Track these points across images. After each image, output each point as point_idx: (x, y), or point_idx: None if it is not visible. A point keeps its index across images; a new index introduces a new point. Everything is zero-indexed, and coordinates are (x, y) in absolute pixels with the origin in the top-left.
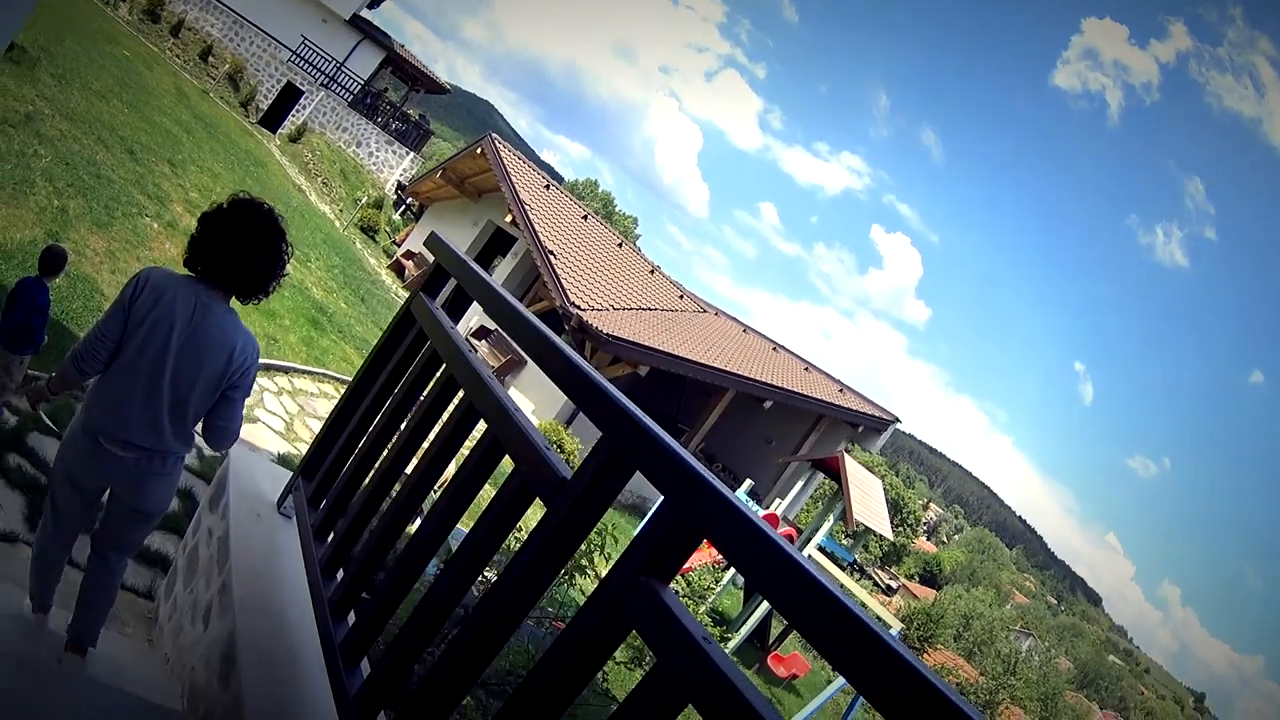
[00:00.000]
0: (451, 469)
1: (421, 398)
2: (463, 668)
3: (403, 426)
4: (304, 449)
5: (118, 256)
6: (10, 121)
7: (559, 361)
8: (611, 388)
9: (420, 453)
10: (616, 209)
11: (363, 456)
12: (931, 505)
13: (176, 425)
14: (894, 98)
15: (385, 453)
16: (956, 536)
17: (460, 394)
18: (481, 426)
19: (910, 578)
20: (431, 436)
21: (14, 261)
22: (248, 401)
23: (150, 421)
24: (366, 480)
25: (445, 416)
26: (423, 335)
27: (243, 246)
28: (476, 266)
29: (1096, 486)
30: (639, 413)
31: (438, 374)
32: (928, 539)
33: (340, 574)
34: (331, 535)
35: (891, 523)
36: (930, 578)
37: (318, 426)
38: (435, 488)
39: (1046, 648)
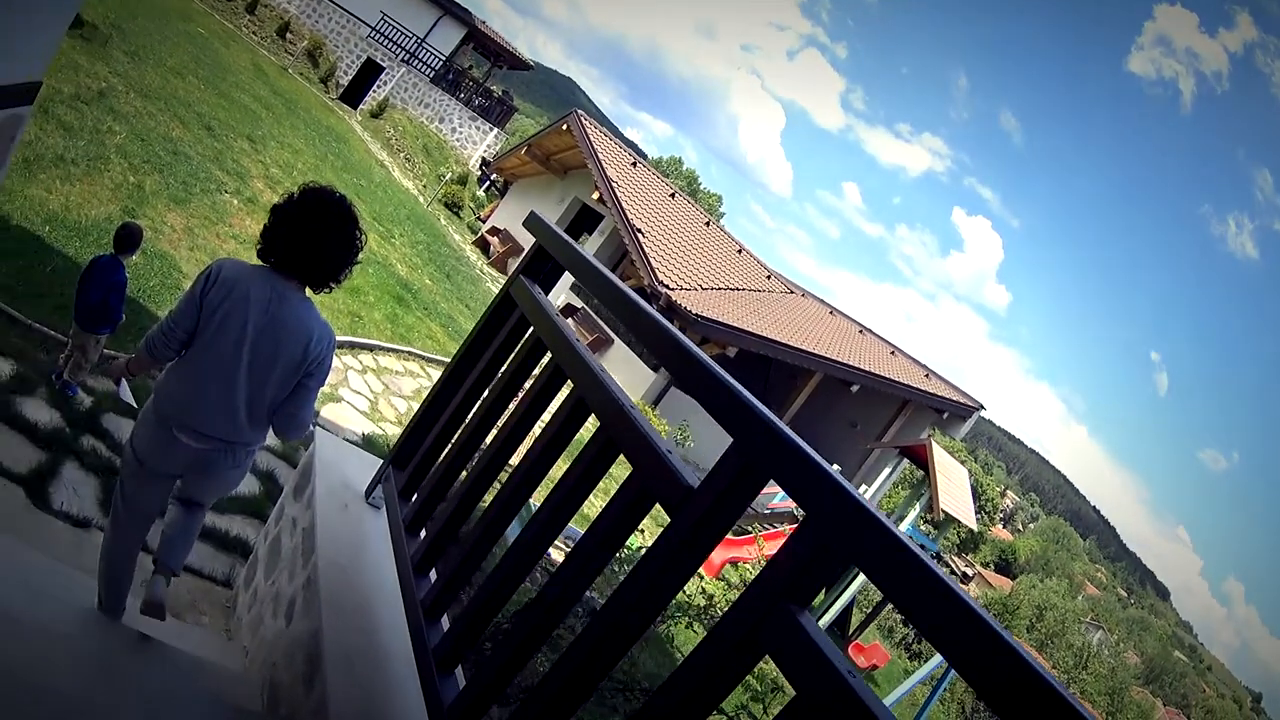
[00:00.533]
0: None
1: (525, 388)
2: (577, 681)
3: (504, 418)
4: (389, 429)
5: (196, 233)
6: (83, 98)
7: (685, 360)
8: (745, 392)
9: (523, 447)
10: (701, 187)
11: (459, 449)
12: (1008, 492)
13: (251, 416)
14: (973, 79)
15: (484, 446)
16: (1032, 525)
17: (568, 386)
18: (591, 422)
19: (986, 566)
20: (536, 429)
21: (89, 239)
22: (331, 380)
23: (225, 413)
24: (463, 474)
25: (552, 407)
26: (524, 321)
27: (315, 236)
28: (585, 252)
29: (1169, 478)
30: (776, 420)
31: (542, 363)
32: (1004, 527)
33: (434, 574)
34: (424, 532)
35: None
36: (1005, 566)
37: (403, 406)
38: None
39: (1115, 641)
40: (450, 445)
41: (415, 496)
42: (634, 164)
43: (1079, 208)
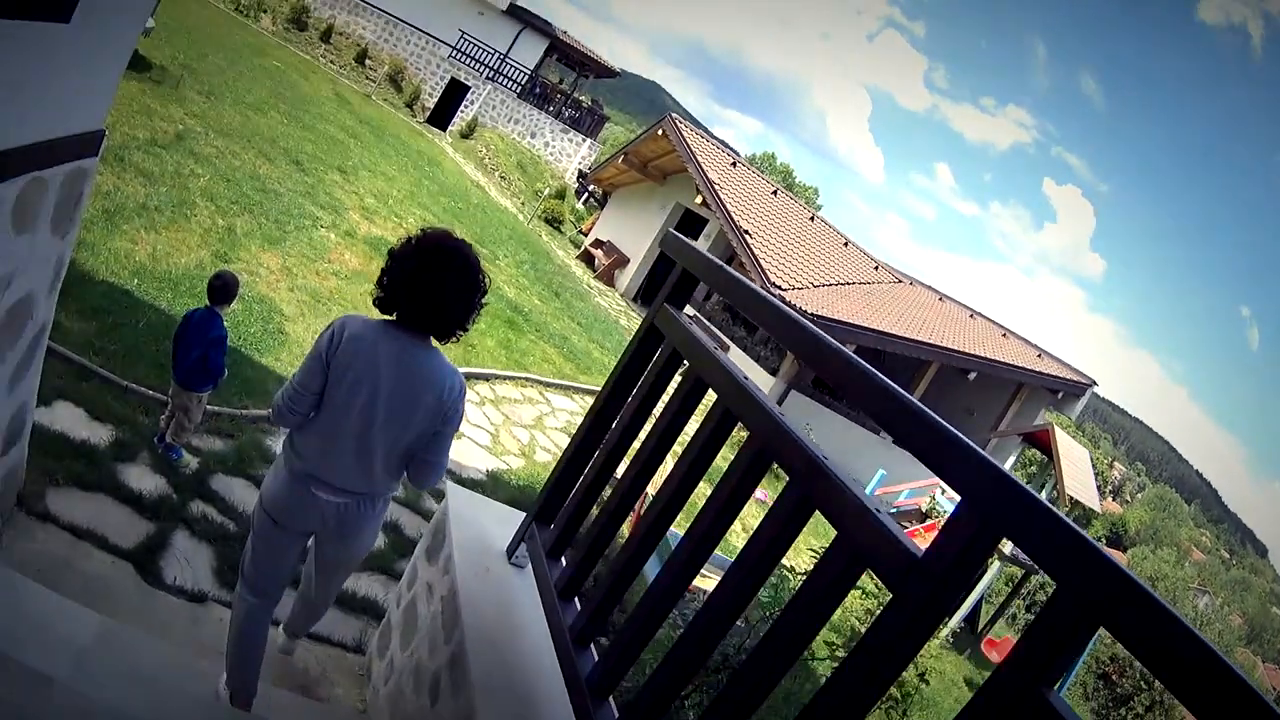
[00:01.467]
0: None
1: (687, 435)
2: None
3: (668, 473)
4: (513, 463)
5: (295, 273)
6: (160, 143)
7: (898, 406)
8: (975, 446)
9: (685, 500)
10: (796, 181)
11: (617, 504)
12: (1115, 464)
13: (388, 467)
14: (1050, 46)
15: (645, 502)
16: (1139, 495)
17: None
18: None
19: (1099, 540)
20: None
21: (181, 289)
22: None
23: (361, 468)
24: (622, 533)
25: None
26: (676, 356)
27: (437, 290)
28: (733, 271)
29: (1265, 434)
30: (1014, 477)
31: (704, 403)
32: (1113, 499)
33: (597, 647)
34: (581, 599)
35: None
36: (1116, 539)
37: (525, 436)
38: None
39: (1220, 604)
40: (604, 499)
41: (567, 558)
42: (733, 164)
43: (1162, 166)
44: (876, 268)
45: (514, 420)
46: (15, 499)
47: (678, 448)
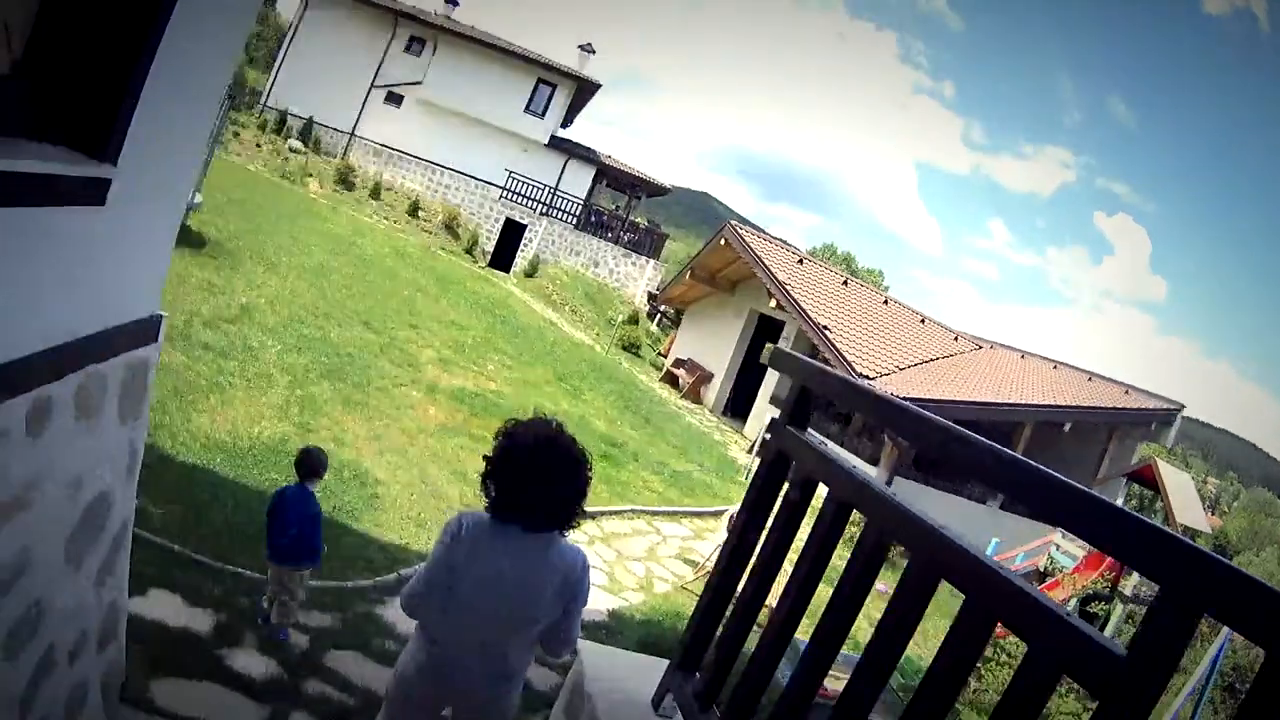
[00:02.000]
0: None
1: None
2: None
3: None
4: (632, 599)
5: (381, 434)
6: (225, 317)
7: (1063, 494)
8: (1160, 525)
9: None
10: (860, 267)
11: (771, 646)
12: (1208, 479)
13: (520, 653)
14: (1075, 77)
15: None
16: (1235, 504)
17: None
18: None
19: None
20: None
21: (266, 463)
22: None
23: (495, 656)
24: (780, 671)
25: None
26: (811, 481)
27: (543, 488)
28: (858, 381)
29: None
30: (1209, 552)
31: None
32: (1211, 513)
33: None
34: None
35: None
36: (1221, 550)
37: (640, 570)
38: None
39: None
40: (751, 640)
41: (720, 707)
42: (800, 261)
43: (1200, 170)
44: (956, 338)
45: (627, 555)
46: (119, 693)
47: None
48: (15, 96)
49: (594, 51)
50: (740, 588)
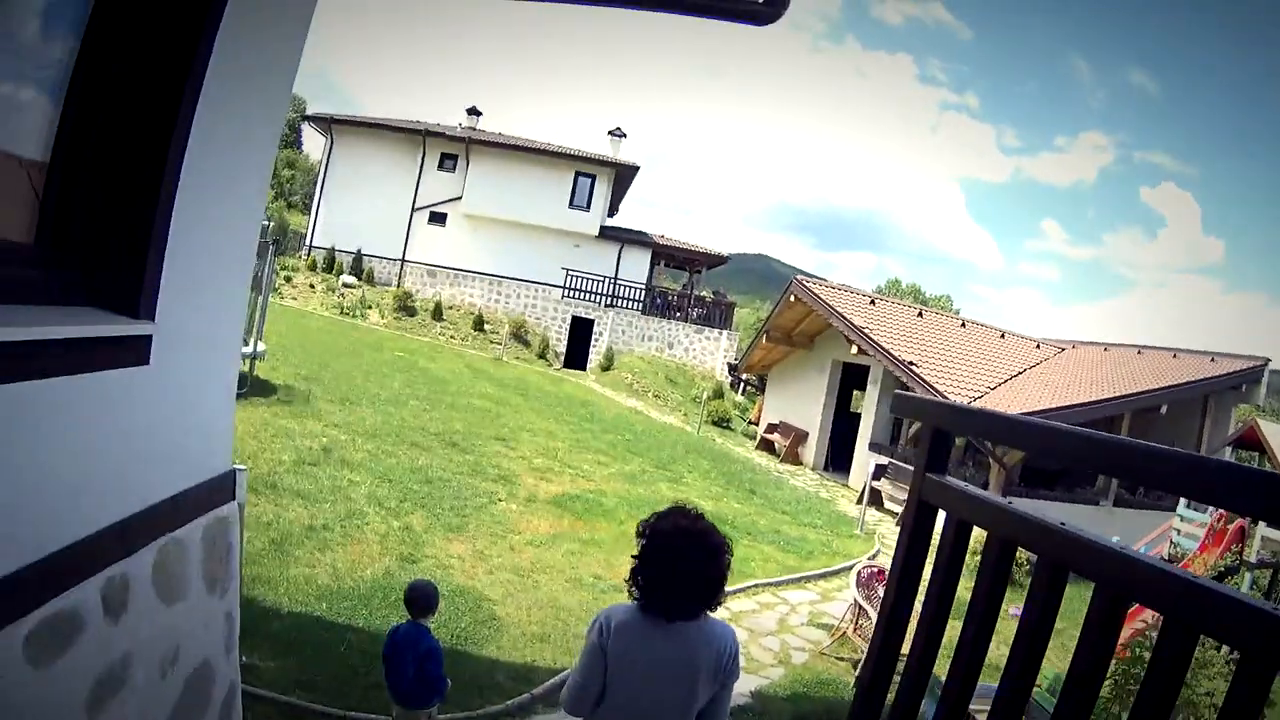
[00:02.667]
0: None
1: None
2: None
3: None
4: (774, 675)
5: (487, 554)
6: (308, 460)
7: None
8: None
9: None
10: (927, 296)
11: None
12: None
13: None
14: (1089, 57)
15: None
16: None
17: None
18: None
19: None
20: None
21: (375, 601)
22: None
23: None
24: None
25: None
26: (964, 526)
27: (691, 575)
28: (991, 410)
29: None
30: None
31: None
32: None
33: None
34: None
35: None
36: None
37: (775, 644)
38: None
39: None
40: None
41: None
42: (871, 302)
43: (1231, 121)
44: (1038, 346)
45: (759, 631)
46: None
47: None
48: (41, 263)
49: (625, 135)
50: (908, 649)
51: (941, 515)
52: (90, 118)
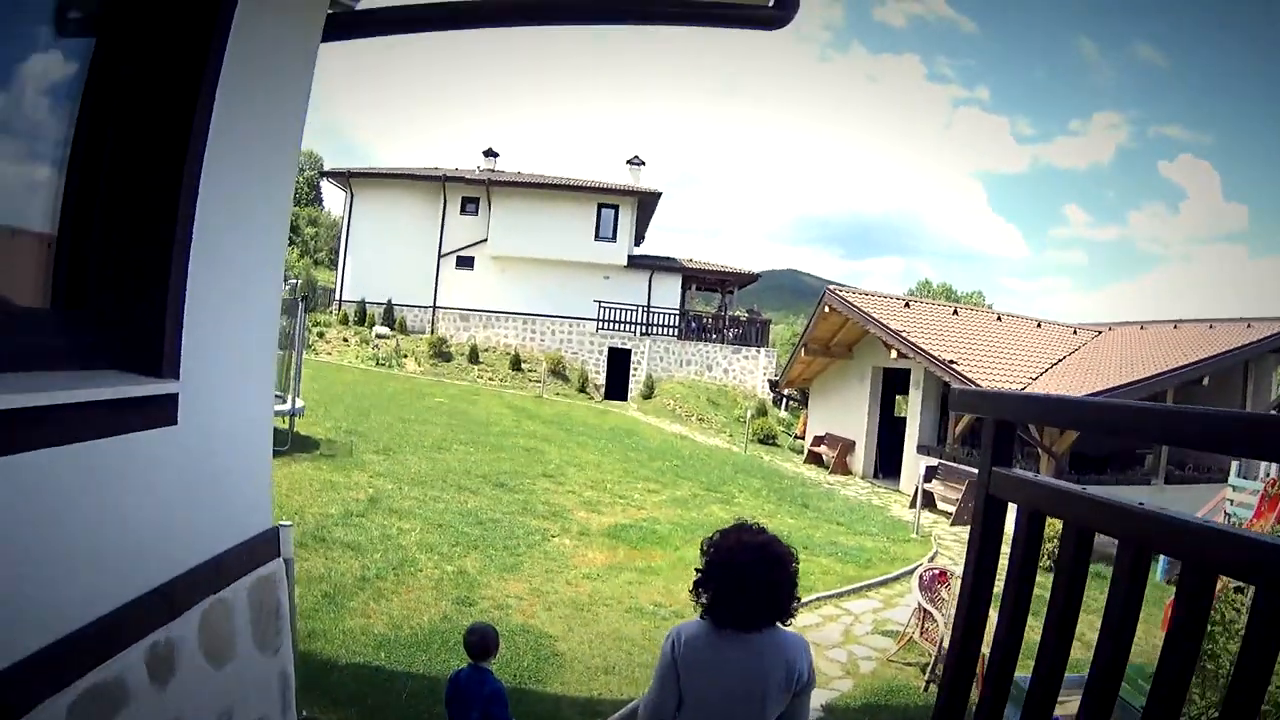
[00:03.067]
0: None
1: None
2: None
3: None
4: (842, 687)
5: (544, 591)
6: (356, 511)
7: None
8: None
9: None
10: (959, 293)
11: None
12: None
13: None
14: (1093, 36)
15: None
16: None
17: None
18: None
19: None
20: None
21: (434, 647)
22: None
23: None
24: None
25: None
26: (1038, 516)
27: (757, 586)
28: (1049, 393)
29: None
30: None
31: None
32: None
33: None
34: None
35: None
36: None
37: (842, 655)
38: None
39: None
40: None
41: None
42: (906, 305)
43: (1241, 84)
44: (1074, 332)
45: (824, 644)
46: None
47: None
48: (59, 328)
49: (644, 163)
50: (989, 650)
51: (1011, 510)
52: (96, 179)
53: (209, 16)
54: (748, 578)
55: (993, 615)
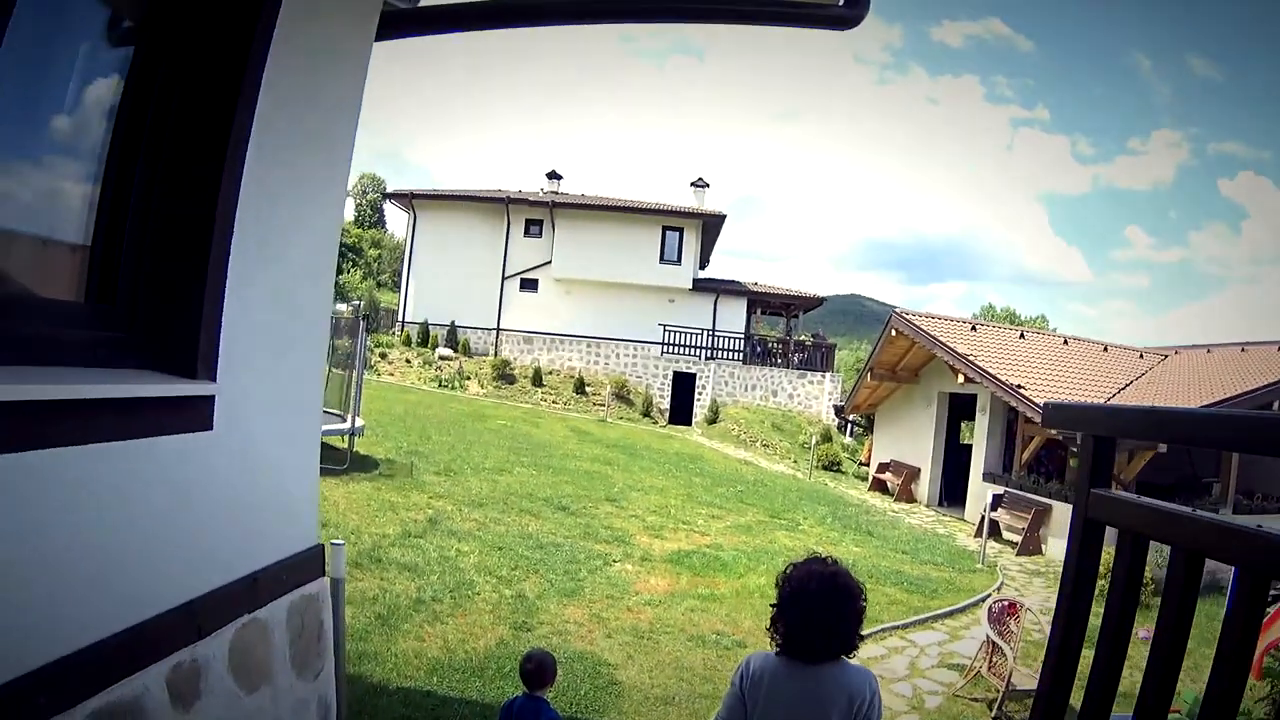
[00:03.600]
0: None
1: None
2: None
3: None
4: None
5: (604, 617)
6: (414, 533)
7: None
8: None
9: None
10: (1022, 317)
11: None
12: None
13: None
14: (1149, 52)
15: None
16: None
17: None
18: None
19: None
20: None
21: (488, 673)
22: None
23: None
24: None
25: None
26: (1141, 544)
27: (827, 619)
28: (1157, 405)
29: None
30: None
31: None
32: None
33: None
34: None
35: None
36: None
37: (907, 690)
38: None
39: None
40: None
41: None
42: (972, 329)
43: None
44: (1141, 356)
45: (889, 677)
46: None
47: None
48: (89, 323)
49: (707, 185)
50: (1088, 689)
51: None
52: (132, 173)
53: (252, 13)
54: (815, 608)
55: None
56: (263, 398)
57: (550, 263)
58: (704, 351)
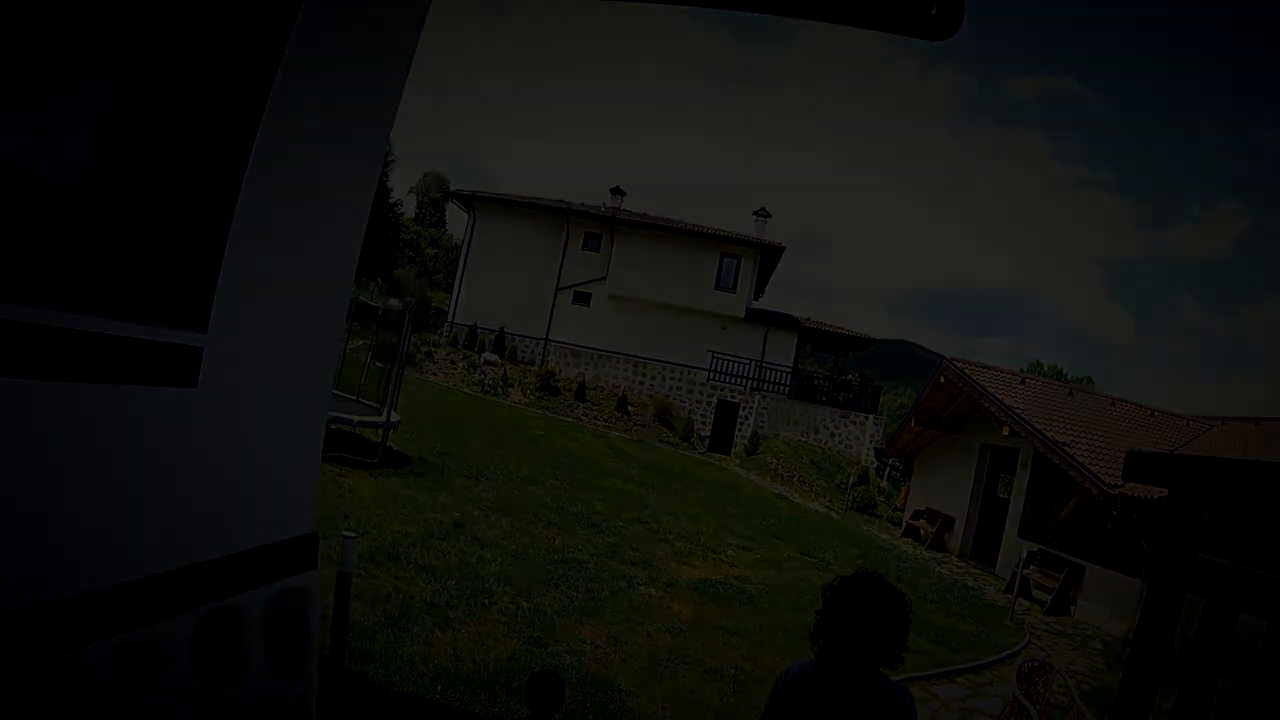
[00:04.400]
0: None
1: None
2: None
3: None
4: None
5: (622, 640)
6: (437, 534)
7: None
8: None
9: None
10: (1069, 376)
11: None
12: None
13: None
14: (1210, 112)
15: None
16: None
17: None
18: None
19: None
20: None
21: (496, 687)
22: None
23: None
24: None
25: None
26: (1230, 616)
27: (871, 629)
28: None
29: None
30: None
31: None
32: None
33: None
34: None
35: None
36: None
37: None
38: None
39: None
40: None
41: None
42: (1022, 381)
43: None
44: (1188, 423)
45: None
46: None
47: None
48: (74, 254)
49: (770, 215)
50: None
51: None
52: (138, 112)
53: None
54: (860, 614)
55: None
56: (262, 362)
57: (605, 278)
58: (750, 382)
